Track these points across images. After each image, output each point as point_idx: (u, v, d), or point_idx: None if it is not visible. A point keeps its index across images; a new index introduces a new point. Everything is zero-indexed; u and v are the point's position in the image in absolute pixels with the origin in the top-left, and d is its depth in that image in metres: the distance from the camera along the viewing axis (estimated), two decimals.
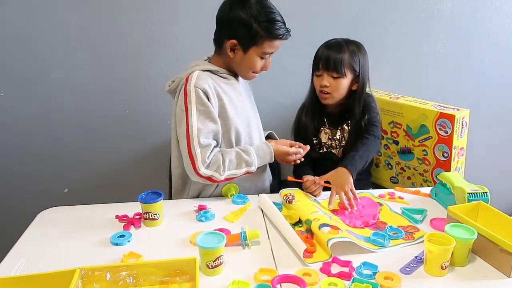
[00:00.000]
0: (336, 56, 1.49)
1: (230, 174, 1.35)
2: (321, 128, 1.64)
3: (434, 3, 1.95)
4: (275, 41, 1.33)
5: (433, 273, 0.98)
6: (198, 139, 1.31)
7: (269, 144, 1.44)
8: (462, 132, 1.63)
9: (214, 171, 1.32)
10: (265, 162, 1.43)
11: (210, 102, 1.33)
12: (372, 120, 1.55)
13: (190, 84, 1.33)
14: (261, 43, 1.32)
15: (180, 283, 0.95)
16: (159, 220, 1.21)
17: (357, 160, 1.41)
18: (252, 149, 1.39)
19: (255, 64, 1.37)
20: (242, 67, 1.39)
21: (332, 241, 1.04)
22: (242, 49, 1.33)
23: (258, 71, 1.40)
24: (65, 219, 1.25)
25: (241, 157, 1.36)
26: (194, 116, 1.32)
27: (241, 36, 1.31)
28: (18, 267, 1.01)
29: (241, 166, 1.36)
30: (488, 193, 1.21)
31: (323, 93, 1.54)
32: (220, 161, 1.33)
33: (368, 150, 1.47)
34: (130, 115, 1.97)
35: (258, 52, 1.34)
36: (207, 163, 1.32)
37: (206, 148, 1.32)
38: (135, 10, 1.83)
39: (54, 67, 1.87)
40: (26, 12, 1.79)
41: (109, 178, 2.05)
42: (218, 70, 1.40)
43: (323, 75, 1.52)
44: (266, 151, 1.42)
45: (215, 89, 1.36)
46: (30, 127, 1.95)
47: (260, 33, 1.30)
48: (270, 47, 1.34)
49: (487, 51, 2.05)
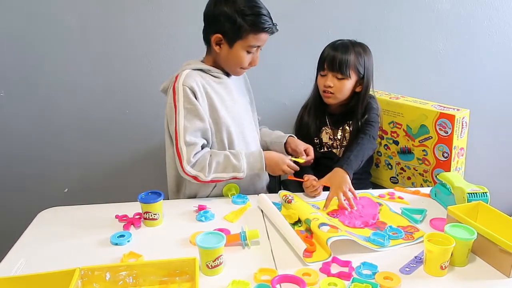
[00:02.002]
0: (342, 57, 1.49)
1: (216, 176, 1.34)
2: (323, 128, 1.64)
3: (434, 3, 1.95)
4: (260, 34, 1.32)
5: (432, 273, 0.98)
6: (184, 137, 1.31)
7: (262, 151, 1.41)
8: (462, 132, 1.62)
9: (198, 171, 1.32)
10: (254, 170, 1.38)
11: (198, 100, 1.33)
12: (370, 120, 1.56)
13: (179, 82, 1.33)
14: (246, 37, 1.32)
15: (179, 283, 0.95)
16: (159, 220, 1.21)
17: (352, 159, 1.41)
18: (242, 155, 1.37)
19: (242, 59, 1.36)
20: (229, 62, 1.39)
21: (331, 239, 1.04)
22: (228, 43, 1.33)
23: (246, 66, 1.39)
24: (65, 219, 1.25)
25: (229, 161, 1.35)
26: (181, 114, 1.32)
27: (226, 30, 1.32)
28: (18, 267, 1.01)
29: (228, 170, 1.34)
30: (487, 193, 1.21)
31: (326, 93, 1.54)
32: (206, 162, 1.33)
33: (362, 149, 1.47)
34: (130, 115, 1.98)
35: (243, 46, 1.34)
36: (192, 162, 1.32)
37: (191, 146, 1.32)
38: (135, 10, 1.83)
39: (54, 67, 1.87)
40: (26, 12, 1.79)
41: (109, 178, 2.05)
42: (209, 69, 1.40)
43: (328, 75, 1.52)
44: (257, 159, 1.38)
45: (204, 87, 1.36)
46: (30, 127, 1.95)
47: (244, 26, 1.30)
48: (256, 40, 1.33)
49: (487, 51, 2.05)
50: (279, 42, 1.87)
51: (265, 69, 1.86)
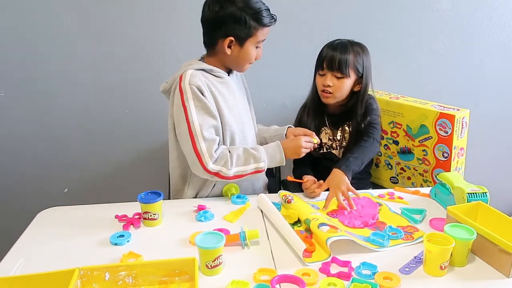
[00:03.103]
0: (341, 57, 1.49)
1: (238, 170, 1.34)
2: (322, 128, 1.64)
3: (434, 3, 1.95)
4: (266, 28, 1.36)
5: (432, 273, 0.98)
6: (202, 134, 1.31)
7: (279, 142, 1.42)
8: (462, 132, 1.62)
9: (222, 166, 1.32)
10: (275, 160, 1.39)
11: (206, 98, 1.34)
12: (373, 122, 1.55)
13: (184, 82, 1.33)
14: (255, 34, 1.35)
15: (179, 283, 0.95)
16: (158, 220, 1.21)
17: (352, 161, 1.41)
18: (260, 147, 1.40)
19: (252, 55, 1.39)
20: (239, 61, 1.40)
21: (331, 239, 1.04)
22: (239, 44, 1.35)
23: (253, 61, 1.42)
24: (64, 219, 1.25)
25: (249, 152, 1.36)
26: (194, 113, 1.32)
27: (237, 31, 1.33)
28: (17, 267, 1.01)
29: (249, 161, 1.35)
30: (487, 193, 1.21)
31: (325, 92, 1.54)
32: (227, 156, 1.33)
33: (364, 152, 1.48)
34: (130, 115, 1.98)
35: (253, 43, 1.37)
36: (214, 157, 1.31)
37: (211, 142, 1.32)
38: (135, 10, 1.83)
39: (54, 67, 1.88)
40: (26, 12, 1.79)
41: (109, 178, 2.05)
42: (211, 69, 1.40)
43: (327, 75, 1.52)
44: (276, 150, 1.40)
45: (209, 87, 1.37)
46: (30, 127, 1.95)
47: (252, 24, 1.32)
48: (263, 35, 1.38)
49: (487, 51, 2.05)
50: (279, 42, 1.88)
51: (265, 69, 1.87)
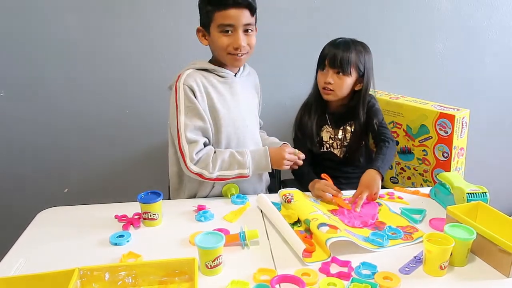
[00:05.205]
0: (343, 55, 1.49)
1: (221, 174, 1.35)
2: (324, 127, 1.64)
3: (434, 3, 1.95)
4: (226, 11, 1.30)
5: (432, 273, 0.98)
6: (185, 135, 1.33)
7: (267, 149, 1.41)
8: (462, 132, 1.62)
9: (202, 169, 1.33)
10: (261, 166, 1.38)
11: (197, 99, 1.35)
12: (383, 123, 1.57)
13: (180, 81, 1.36)
14: (214, 18, 1.33)
15: (179, 283, 0.95)
16: (158, 220, 1.21)
17: (385, 164, 1.42)
18: (247, 152, 1.39)
19: (220, 42, 1.34)
20: (215, 51, 1.40)
21: (330, 240, 1.04)
22: (207, 32, 1.37)
23: (231, 50, 1.35)
24: (64, 219, 1.25)
25: (234, 158, 1.36)
26: (182, 113, 1.34)
27: (202, 20, 1.37)
28: (17, 267, 1.01)
29: (233, 167, 1.35)
30: (487, 193, 1.21)
31: (326, 90, 1.54)
32: (210, 160, 1.34)
33: (391, 154, 1.48)
34: (130, 115, 1.98)
35: (215, 28, 1.34)
36: (195, 159, 1.33)
37: (193, 144, 1.34)
38: (136, 10, 1.83)
39: (54, 67, 1.88)
40: (26, 12, 1.79)
41: (108, 178, 2.05)
42: (214, 69, 1.40)
43: (329, 72, 1.52)
44: (262, 154, 1.39)
45: (205, 87, 1.37)
46: (30, 127, 1.95)
47: (209, 8, 1.32)
48: (224, 18, 1.31)
49: (487, 51, 2.05)
50: (279, 42, 1.88)
51: (266, 69, 1.86)
